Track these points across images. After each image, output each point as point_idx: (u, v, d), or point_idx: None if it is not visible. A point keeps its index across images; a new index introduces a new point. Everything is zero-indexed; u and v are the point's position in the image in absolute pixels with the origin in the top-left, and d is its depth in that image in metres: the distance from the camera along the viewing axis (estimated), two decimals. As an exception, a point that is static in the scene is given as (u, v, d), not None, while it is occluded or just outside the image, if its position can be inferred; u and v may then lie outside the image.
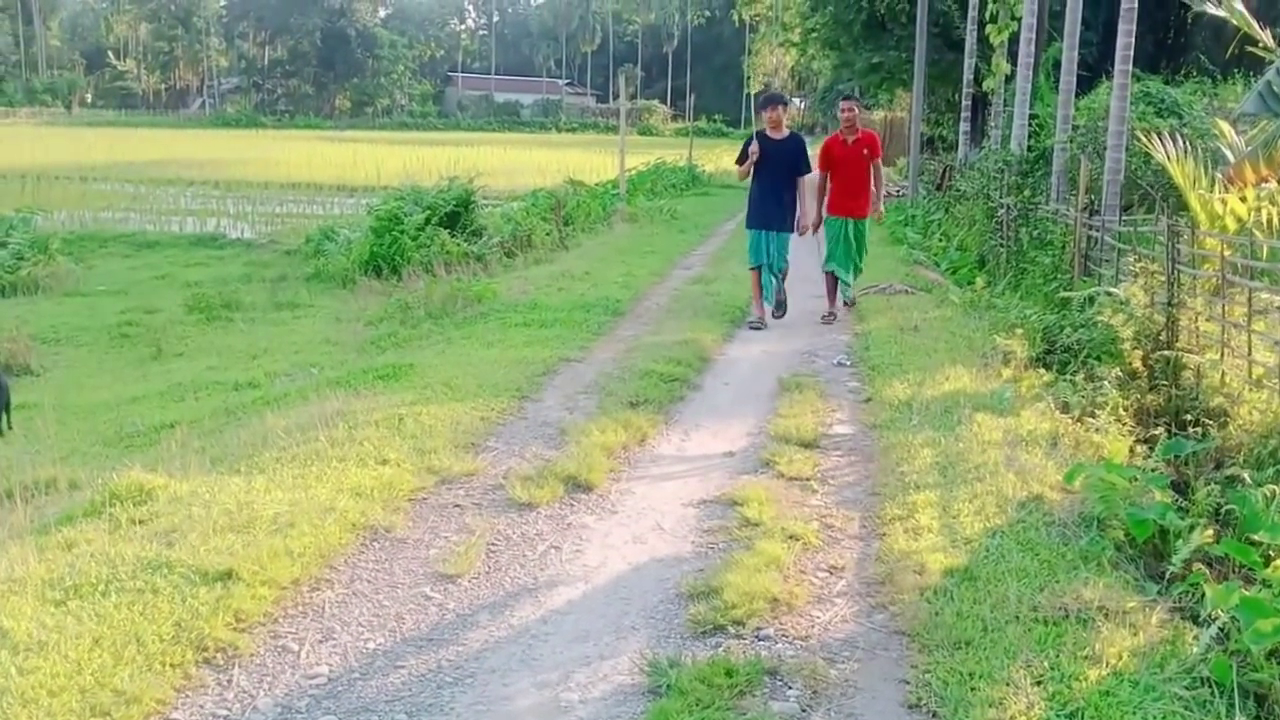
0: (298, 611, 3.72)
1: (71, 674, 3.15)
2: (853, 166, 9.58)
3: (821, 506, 4.73)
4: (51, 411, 8.66)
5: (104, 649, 3.28)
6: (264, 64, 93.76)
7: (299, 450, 5.32)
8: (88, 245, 18.31)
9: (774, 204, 8.97)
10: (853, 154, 9.56)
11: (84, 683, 3.10)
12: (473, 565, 4.09)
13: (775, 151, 8.87)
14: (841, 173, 9.58)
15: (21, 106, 79.86)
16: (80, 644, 3.31)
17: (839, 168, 9.60)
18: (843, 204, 9.63)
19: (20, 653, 3.26)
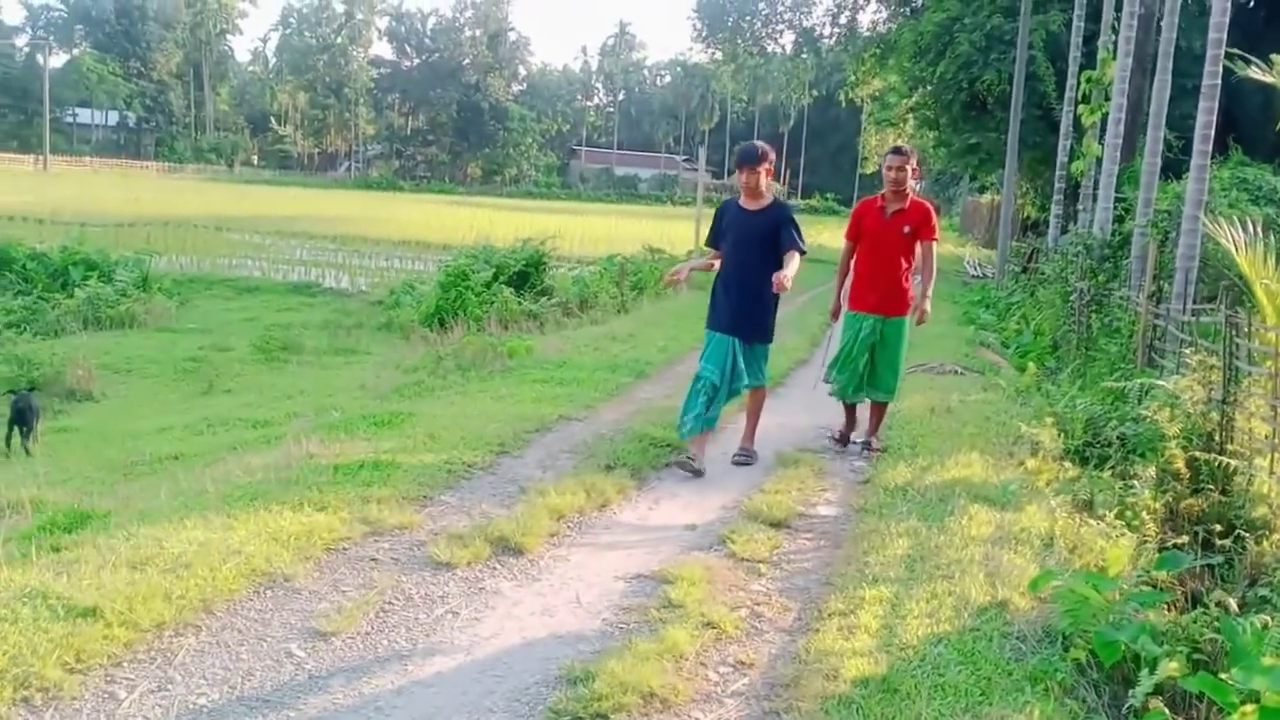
0: (145, 657, 3.38)
1: None
2: (888, 244, 6.59)
3: (761, 593, 4.19)
4: (86, 436, 8.68)
5: (-85, 681, 2.99)
6: (406, 132, 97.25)
7: (249, 490, 5.04)
8: (195, 287, 18.82)
9: (746, 299, 5.98)
10: (891, 228, 6.57)
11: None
12: (354, 624, 3.70)
13: (748, 226, 5.99)
14: (872, 250, 6.66)
15: (189, 163, 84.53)
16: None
17: (869, 243, 6.70)
18: (865, 295, 6.64)
19: None
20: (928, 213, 6.65)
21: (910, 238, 6.60)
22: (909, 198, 6.62)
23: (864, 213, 6.83)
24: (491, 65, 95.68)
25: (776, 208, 6.15)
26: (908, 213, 6.58)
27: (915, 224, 6.56)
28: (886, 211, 6.64)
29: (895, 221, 6.60)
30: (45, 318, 14.72)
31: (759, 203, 6.08)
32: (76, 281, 16.71)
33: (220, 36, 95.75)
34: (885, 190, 6.68)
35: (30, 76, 78.32)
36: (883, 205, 6.67)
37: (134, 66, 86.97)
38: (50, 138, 73.75)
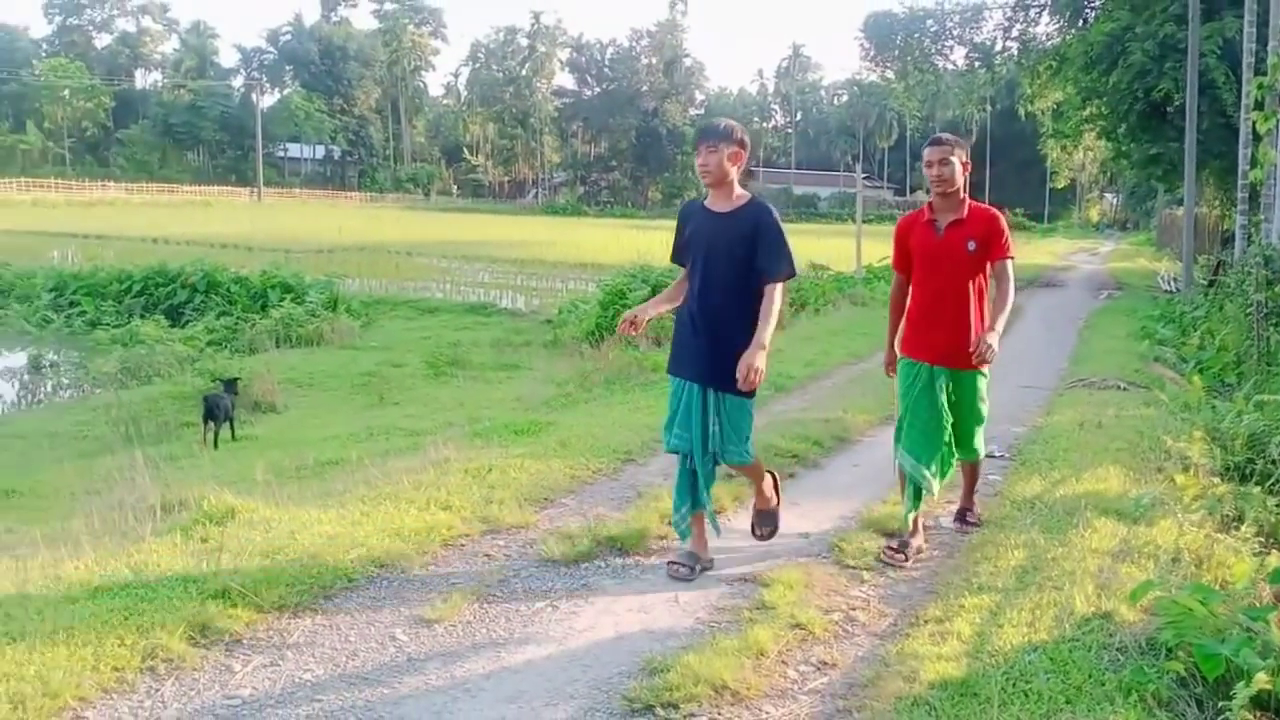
0: (263, 635, 3.65)
1: (22, 664, 3.21)
2: (947, 269, 4.74)
3: (859, 598, 4.14)
4: (263, 444, 9.34)
5: (65, 644, 3.34)
6: (589, 159, 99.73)
7: (385, 490, 5.35)
8: (380, 308, 19.88)
9: (716, 334, 4.29)
10: (948, 247, 4.74)
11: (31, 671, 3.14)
12: (457, 613, 3.88)
13: (715, 234, 4.32)
14: (926, 280, 4.82)
15: (388, 192, 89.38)
16: (50, 639, 3.38)
17: (921, 270, 4.85)
18: (923, 337, 4.81)
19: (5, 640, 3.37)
20: (994, 222, 4.77)
21: (978, 256, 4.71)
22: (965, 203, 4.77)
23: (907, 231, 4.90)
24: (668, 91, 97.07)
25: (754, 208, 4.32)
26: (967, 224, 4.73)
27: (980, 238, 4.70)
28: (937, 226, 4.75)
29: (952, 237, 4.72)
30: (243, 336, 15.92)
31: (729, 202, 4.33)
32: (273, 303, 18.00)
33: (415, 73, 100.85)
34: (931, 198, 4.86)
35: (245, 115, 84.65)
36: (931, 218, 4.78)
37: (337, 103, 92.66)
38: (263, 171, 79.46)
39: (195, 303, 18.87)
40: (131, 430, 9.78)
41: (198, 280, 19.25)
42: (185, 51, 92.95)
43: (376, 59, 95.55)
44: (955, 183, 4.71)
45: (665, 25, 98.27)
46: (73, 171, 78.76)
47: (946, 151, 4.70)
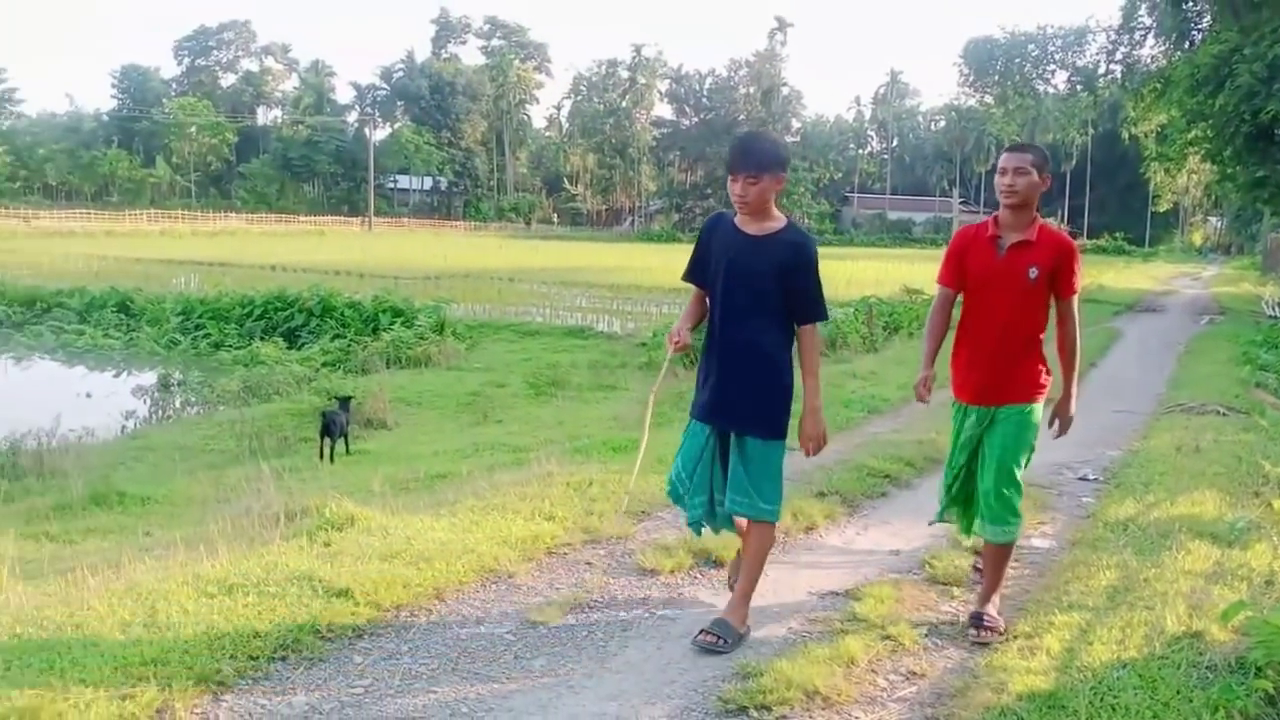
0: (383, 632, 3.86)
1: (169, 648, 3.47)
2: (1004, 296, 4.02)
3: (950, 613, 4.18)
4: (376, 458, 9.69)
5: (205, 634, 3.60)
6: (685, 187, 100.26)
7: (493, 501, 5.56)
8: (483, 331, 20.34)
9: (742, 371, 3.78)
10: (1008, 271, 4.00)
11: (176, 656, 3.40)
12: (561, 616, 4.04)
13: (746, 259, 3.76)
14: (979, 304, 4.09)
15: (491, 221, 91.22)
16: (194, 629, 3.64)
17: (975, 293, 4.11)
18: (975, 374, 4.12)
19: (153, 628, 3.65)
20: (1067, 251, 4.00)
21: (1039, 287, 3.96)
22: (1036, 224, 4.01)
23: (966, 246, 4.15)
24: (765, 120, 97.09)
25: (790, 236, 3.75)
26: (1034, 247, 3.96)
27: (1047, 266, 3.95)
28: (1000, 244, 4.02)
29: (1014, 260, 3.98)
30: (356, 357, 16.48)
31: (765, 224, 3.75)
32: (384, 326, 18.60)
33: (519, 106, 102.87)
34: (999, 209, 4.09)
35: (358, 148, 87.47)
36: (994, 234, 4.05)
37: (445, 136, 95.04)
38: (374, 202, 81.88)
39: (311, 326, 19.59)
40: (254, 444, 10.25)
41: (314, 305, 19.99)
42: (304, 89, 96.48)
43: (483, 93, 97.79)
44: (1028, 197, 3.99)
45: (764, 55, 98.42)
46: (198, 203, 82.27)
47: (1024, 160, 4.00)
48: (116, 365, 18.38)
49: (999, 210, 4.12)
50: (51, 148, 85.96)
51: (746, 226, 3.79)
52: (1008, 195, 4.01)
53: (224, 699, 3.26)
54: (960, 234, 4.28)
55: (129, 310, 22.07)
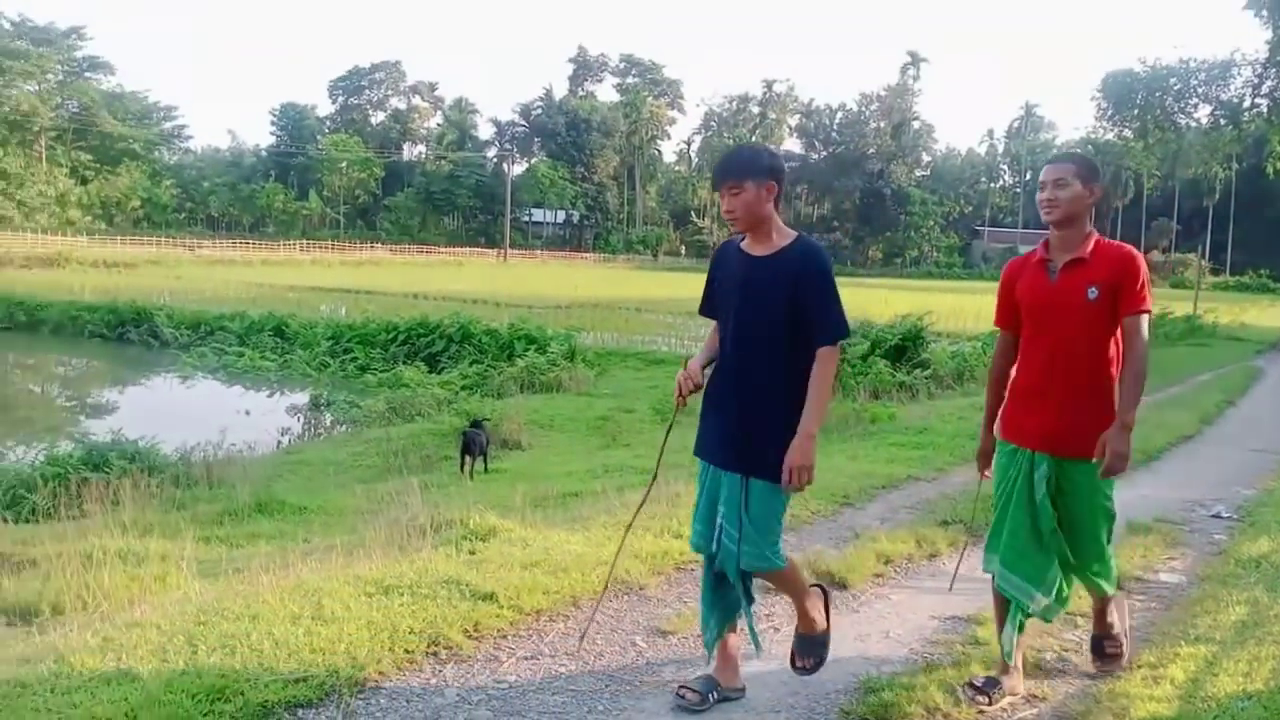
0: (524, 634, 4.10)
1: (335, 640, 3.78)
2: (1059, 323, 3.53)
3: (1073, 641, 4.17)
4: (512, 476, 10.04)
5: (366, 628, 3.90)
6: (811, 220, 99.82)
7: (623, 518, 5.76)
8: (611, 359, 20.74)
9: (745, 404, 3.39)
10: (1062, 295, 3.52)
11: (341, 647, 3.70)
12: (690, 627, 4.21)
13: (750, 281, 3.41)
14: (1036, 336, 3.61)
15: (620, 253, 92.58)
16: (355, 623, 3.95)
17: (1031, 325, 3.63)
18: (1025, 414, 3.62)
19: (320, 621, 3.97)
20: (1127, 263, 3.47)
21: (1102, 307, 3.45)
22: (1089, 240, 3.52)
23: (1015, 275, 3.69)
24: (895, 153, 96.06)
25: (798, 250, 3.36)
26: (1089, 265, 3.48)
27: (1107, 283, 3.44)
28: (1051, 268, 3.57)
29: (1068, 282, 3.50)
30: (492, 382, 17.06)
31: (772, 242, 3.39)
32: (519, 353, 19.18)
33: (651, 142, 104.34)
34: (1049, 233, 3.63)
35: (496, 183, 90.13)
36: (1045, 258, 3.60)
37: (579, 171, 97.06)
38: (510, 234, 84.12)
39: (451, 351, 20.34)
40: (399, 461, 10.76)
41: (453, 331, 20.76)
42: (448, 126, 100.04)
43: (617, 129, 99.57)
44: (1071, 211, 3.49)
45: (895, 89, 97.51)
46: (346, 234, 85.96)
47: (1065, 170, 3.53)
48: (272, 385, 19.44)
49: (1050, 232, 3.63)
50: (215, 181, 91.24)
51: (753, 248, 3.44)
52: (1048, 210, 3.55)
53: (383, 686, 3.53)
54: (1009, 265, 3.78)
55: (284, 334, 23.30)
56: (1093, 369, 3.48)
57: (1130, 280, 3.45)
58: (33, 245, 50.19)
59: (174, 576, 4.97)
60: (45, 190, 70.98)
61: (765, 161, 3.39)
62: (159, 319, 24.93)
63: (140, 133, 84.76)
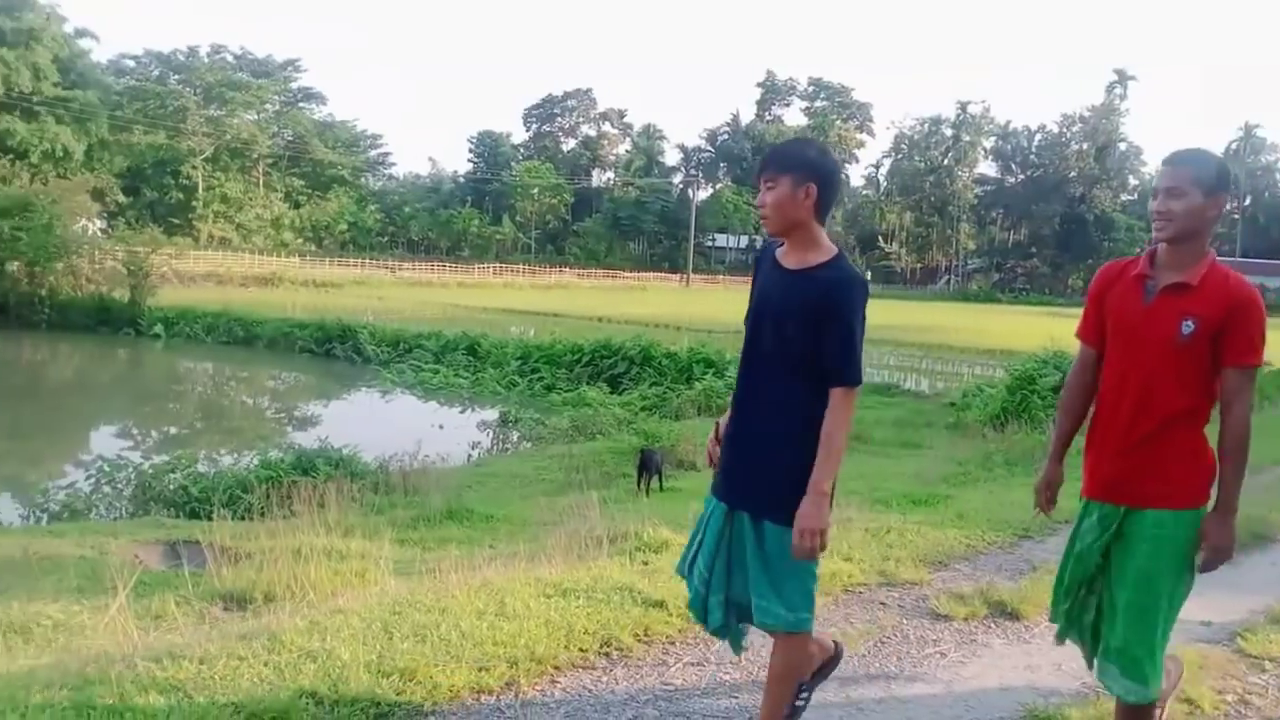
0: (692, 641, 4.29)
1: (516, 634, 4.08)
2: (1143, 350, 2.89)
3: (1258, 685, 4.01)
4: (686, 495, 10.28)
5: (544, 626, 4.18)
6: (1007, 246, 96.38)
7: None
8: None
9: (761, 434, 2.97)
10: (1154, 319, 2.88)
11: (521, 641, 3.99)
12: (854, 647, 4.28)
13: (777, 296, 2.97)
14: (1116, 360, 2.98)
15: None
16: (534, 621, 4.24)
17: (1115, 345, 2.99)
18: (1098, 459, 3.03)
19: (503, 617, 4.29)
20: (1245, 304, 2.82)
21: (1197, 346, 2.83)
22: (1204, 262, 2.88)
23: (1107, 286, 3.07)
24: (1098, 177, 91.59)
25: (831, 272, 2.92)
26: (1197, 294, 2.85)
27: (1210, 321, 2.81)
28: (1149, 287, 2.93)
29: (1164, 307, 2.88)
30: (670, 404, 17.44)
31: (806, 256, 2.96)
32: (697, 376, 19.50)
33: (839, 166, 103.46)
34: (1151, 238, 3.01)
35: (681, 208, 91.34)
36: (1143, 273, 2.96)
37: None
38: (693, 259, 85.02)
39: (632, 373, 20.89)
40: (579, 476, 11.18)
41: (635, 354, 21.32)
42: (635, 153, 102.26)
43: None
44: (1187, 226, 2.85)
45: (1100, 110, 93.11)
46: (535, 259, 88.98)
47: (1181, 176, 2.87)
48: (464, 402, 20.46)
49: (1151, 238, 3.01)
50: (416, 206, 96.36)
51: (785, 259, 3.03)
52: (1159, 225, 2.89)
53: (559, 680, 3.79)
54: (1104, 271, 3.16)
55: (476, 353, 24.47)
56: (1174, 413, 2.86)
57: (1242, 324, 2.81)
58: (250, 265, 54.33)
59: (372, 573, 5.41)
60: (262, 214, 76.87)
61: (809, 157, 2.99)
62: (362, 336, 26.62)
63: (349, 160, 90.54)
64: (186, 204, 73.52)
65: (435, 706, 3.43)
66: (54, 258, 29.95)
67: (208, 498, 9.36)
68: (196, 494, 9.68)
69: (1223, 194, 2.89)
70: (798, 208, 2.93)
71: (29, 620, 4.81)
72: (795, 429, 2.89)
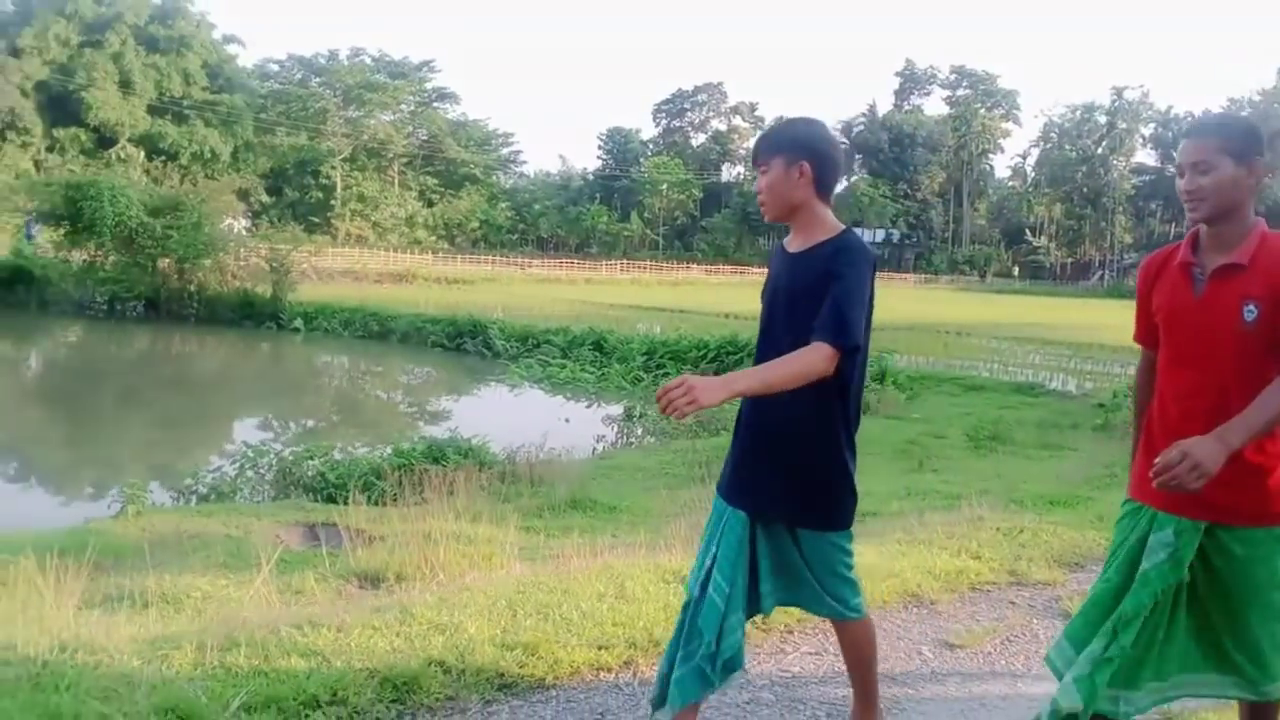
0: (810, 631, 4.36)
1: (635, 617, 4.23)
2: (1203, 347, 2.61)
3: None
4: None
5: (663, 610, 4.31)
6: (1167, 239, 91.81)
7: (919, 536, 5.88)
8: (926, 382, 20.39)
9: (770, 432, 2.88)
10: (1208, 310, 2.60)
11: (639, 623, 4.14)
12: (980, 644, 4.29)
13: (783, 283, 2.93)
14: (1174, 361, 2.69)
15: (943, 274, 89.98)
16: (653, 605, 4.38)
17: (1170, 344, 2.70)
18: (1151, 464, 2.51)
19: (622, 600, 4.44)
20: None
21: (1264, 331, 2.55)
22: (1254, 234, 2.61)
23: (1151, 279, 2.80)
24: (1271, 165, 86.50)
25: (834, 246, 2.83)
26: (1251, 273, 2.58)
27: (1270, 300, 2.54)
28: (1197, 275, 2.66)
29: (1219, 295, 2.61)
30: (799, 401, 17.35)
31: (811, 236, 2.90)
32: (827, 373, 19.33)
33: (982, 156, 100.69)
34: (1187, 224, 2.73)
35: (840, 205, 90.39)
36: (1188, 260, 2.68)
37: (901, 189, 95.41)
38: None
39: (759, 370, 20.83)
40: (702, 471, 11.27)
41: (761, 350, 21.28)
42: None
43: (944, 144, 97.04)
44: (1221, 202, 2.59)
45: (1271, 94, 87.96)
46: (663, 255, 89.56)
47: (1205, 147, 2.60)
48: (590, 397, 20.82)
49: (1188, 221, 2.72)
50: (545, 204, 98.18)
51: (790, 243, 2.97)
52: (1191, 205, 2.63)
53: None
54: (1146, 264, 2.85)
55: (602, 349, 24.84)
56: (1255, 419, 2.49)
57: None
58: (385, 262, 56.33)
59: (498, 556, 5.64)
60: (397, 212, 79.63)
61: (798, 134, 2.91)
62: (492, 332, 27.34)
63: (480, 158, 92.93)
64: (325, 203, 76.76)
65: (557, 681, 3.61)
66: (202, 255, 31.70)
67: (344, 483, 9.85)
68: (333, 480, 10.19)
69: (1257, 159, 2.61)
70: (793, 187, 2.87)
71: (180, 591, 5.22)
72: (810, 427, 2.81)
